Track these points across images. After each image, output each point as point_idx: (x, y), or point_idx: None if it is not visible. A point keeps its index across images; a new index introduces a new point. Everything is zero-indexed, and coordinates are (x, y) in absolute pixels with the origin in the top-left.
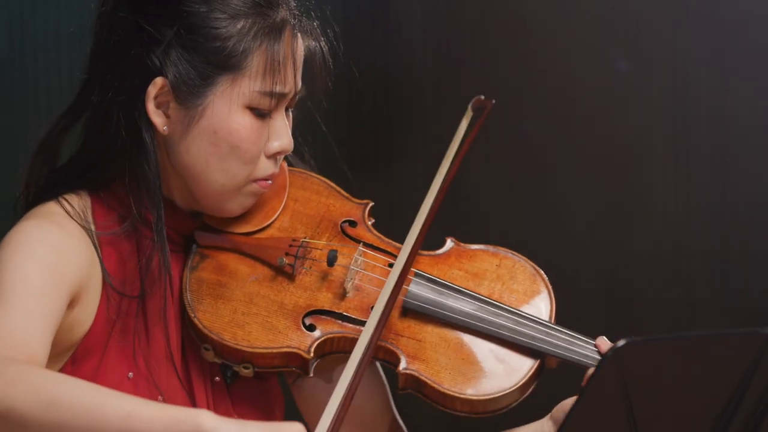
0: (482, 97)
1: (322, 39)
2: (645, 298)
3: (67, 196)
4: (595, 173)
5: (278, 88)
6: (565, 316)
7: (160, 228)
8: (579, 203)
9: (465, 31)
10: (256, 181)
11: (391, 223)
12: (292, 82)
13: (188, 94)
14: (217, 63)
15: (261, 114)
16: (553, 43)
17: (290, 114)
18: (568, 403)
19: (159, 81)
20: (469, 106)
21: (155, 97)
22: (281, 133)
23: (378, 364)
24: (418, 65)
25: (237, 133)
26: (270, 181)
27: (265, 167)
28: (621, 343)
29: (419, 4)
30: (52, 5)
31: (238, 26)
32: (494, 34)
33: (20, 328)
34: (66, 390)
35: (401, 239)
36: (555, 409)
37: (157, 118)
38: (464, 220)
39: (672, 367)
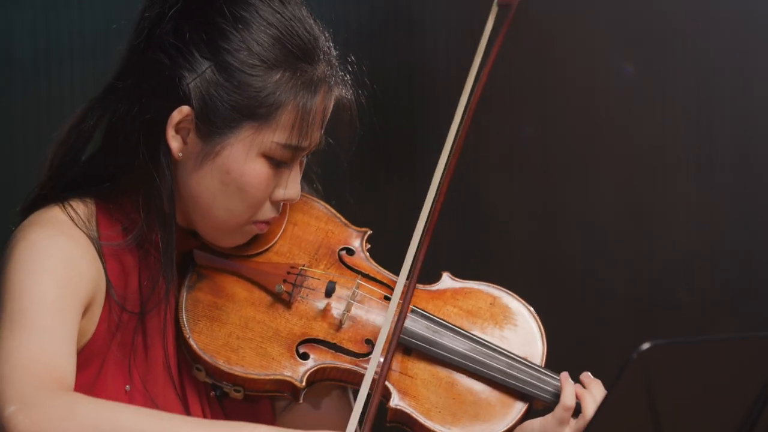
0: None
1: (353, 92)
2: (668, 300)
3: (72, 202)
4: (617, 178)
5: (301, 143)
6: (589, 320)
7: (170, 252)
8: (601, 208)
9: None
10: (255, 222)
11: (400, 243)
12: (315, 138)
13: (210, 131)
14: (245, 110)
15: (277, 163)
16: (575, 47)
17: (304, 160)
18: (529, 424)
19: (185, 109)
20: (495, 2)
21: (177, 123)
22: (291, 183)
23: (350, 393)
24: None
25: (249, 178)
26: (268, 224)
27: (268, 211)
28: (646, 345)
29: (442, 19)
30: (75, 6)
31: (274, 78)
32: (515, 42)
33: (46, 351)
34: (126, 419)
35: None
36: (516, 430)
37: (174, 143)
38: (484, 229)
39: (697, 369)
